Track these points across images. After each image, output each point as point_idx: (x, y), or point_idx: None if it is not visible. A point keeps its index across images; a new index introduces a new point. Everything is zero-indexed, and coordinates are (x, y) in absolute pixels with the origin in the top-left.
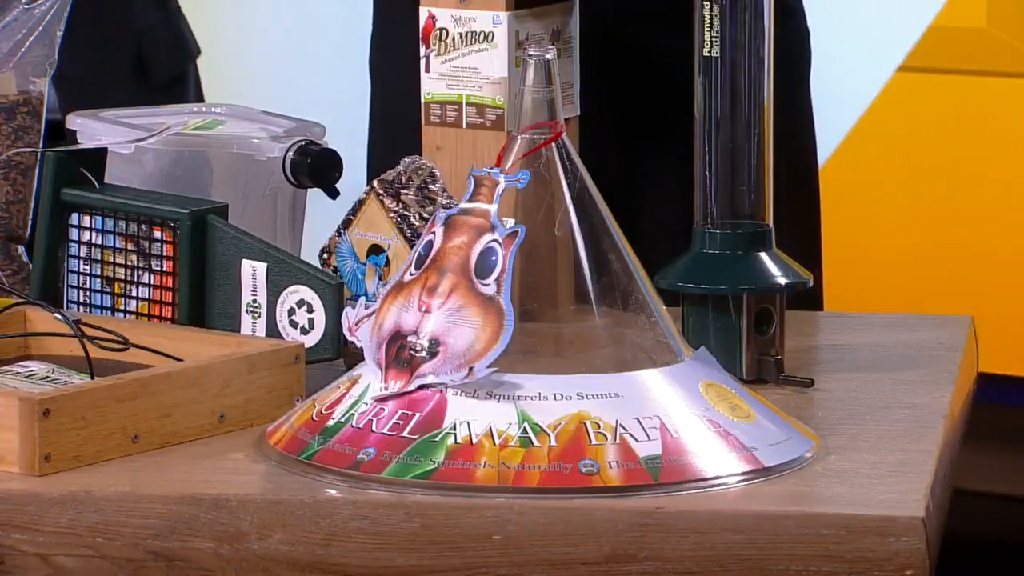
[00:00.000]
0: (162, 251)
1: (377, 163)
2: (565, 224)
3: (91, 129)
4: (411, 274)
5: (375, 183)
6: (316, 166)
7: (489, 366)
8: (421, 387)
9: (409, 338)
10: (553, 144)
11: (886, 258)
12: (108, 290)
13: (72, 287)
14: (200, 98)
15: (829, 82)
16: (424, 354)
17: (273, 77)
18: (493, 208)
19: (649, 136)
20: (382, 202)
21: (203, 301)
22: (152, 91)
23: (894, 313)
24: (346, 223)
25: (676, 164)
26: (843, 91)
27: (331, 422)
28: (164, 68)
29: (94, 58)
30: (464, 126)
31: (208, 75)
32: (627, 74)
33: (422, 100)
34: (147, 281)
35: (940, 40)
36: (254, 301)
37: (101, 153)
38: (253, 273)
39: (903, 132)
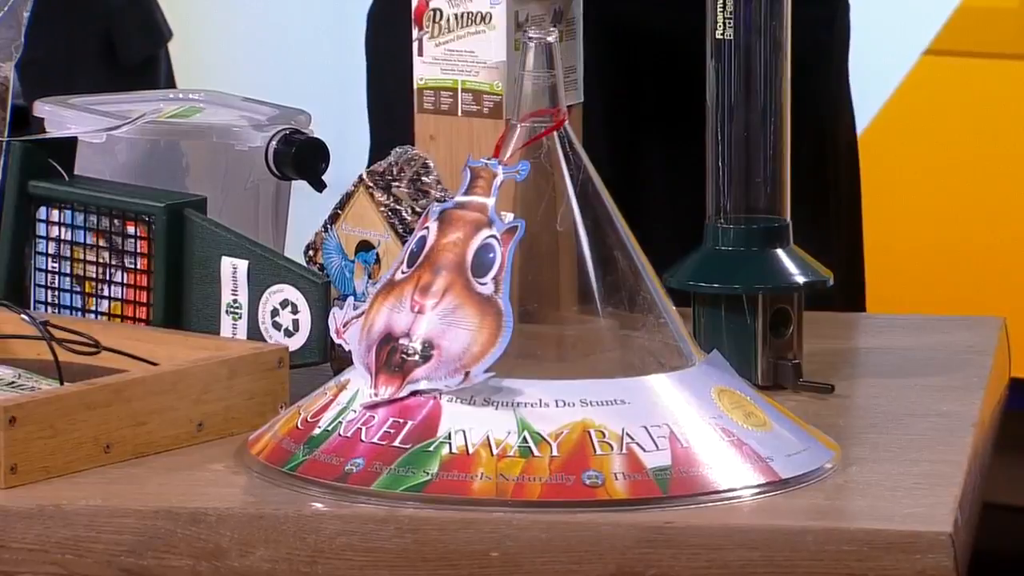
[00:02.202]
0: (136, 247)
1: (379, 155)
2: (567, 219)
3: (60, 117)
4: (403, 272)
5: (364, 175)
6: (301, 156)
7: (486, 371)
8: (413, 393)
9: (401, 341)
10: (555, 133)
11: (910, 255)
12: (78, 289)
13: (40, 286)
14: (172, 85)
15: (849, 67)
16: (417, 358)
17: (254, 61)
18: (491, 202)
19: (658, 125)
20: (372, 195)
21: (180, 301)
22: (121, 76)
23: (920, 314)
24: (333, 218)
25: (687, 155)
26: (864, 77)
27: (317, 431)
28: (134, 51)
29: (60, 40)
30: (460, 114)
31: (183, 60)
32: (635, 58)
33: (415, 86)
34: (120, 280)
35: (969, 21)
36: (235, 301)
37: (71, 143)
38: (234, 271)
39: (929, 120)
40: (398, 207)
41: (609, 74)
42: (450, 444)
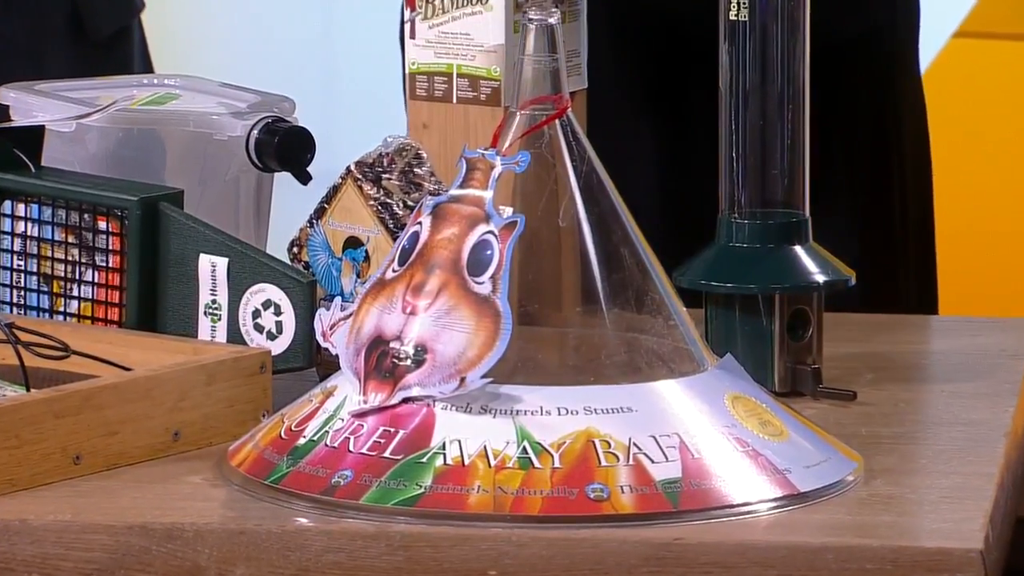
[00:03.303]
0: (107, 244)
1: None
2: (570, 213)
3: (26, 104)
4: (394, 271)
5: (352, 166)
6: (285, 146)
7: (483, 376)
8: (405, 400)
9: (392, 344)
10: (557, 121)
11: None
12: (46, 289)
13: (4, 285)
14: (146, 60)
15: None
16: (409, 362)
17: (234, 43)
18: (488, 195)
19: (668, 113)
20: (360, 188)
21: (155, 302)
22: (92, 50)
23: (949, 316)
24: (319, 212)
25: (698, 145)
26: None
27: (302, 441)
28: (103, 22)
29: (24, 17)
30: (455, 101)
31: (155, 42)
32: (642, 41)
33: (406, 71)
34: (90, 279)
35: (999, 3)
36: (213, 302)
37: (38, 132)
38: (212, 269)
39: (958, 105)
40: (389, 201)
41: (615, 58)
42: (444, 455)
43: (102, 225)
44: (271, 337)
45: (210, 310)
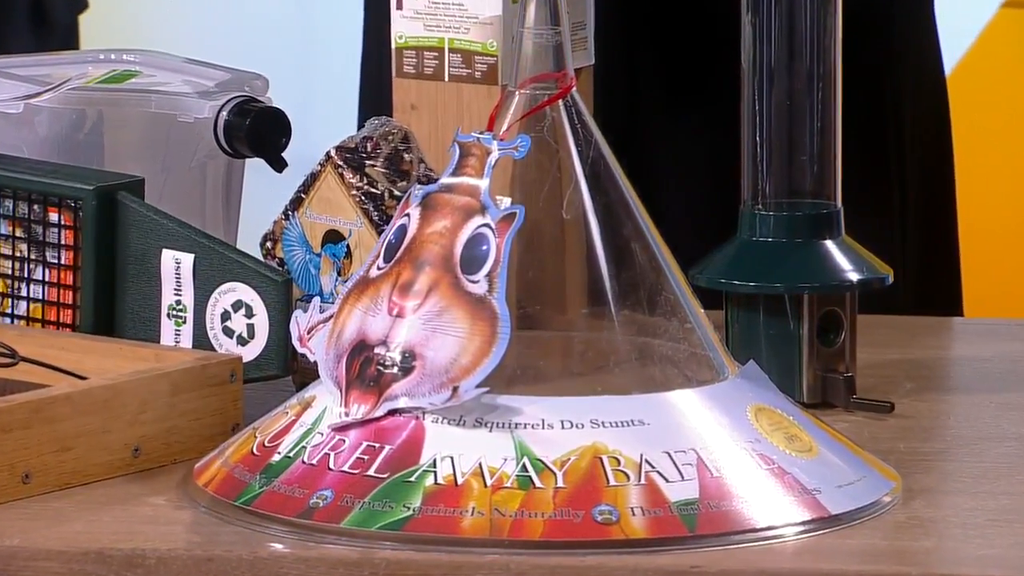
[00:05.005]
0: (60, 238)
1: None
2: (575, 204)
3: None
4: (379, 268)
5: (332, 151)
6: (257, 129)
7: (478, 385)
8: (392, 412)
9: (376, 350)
10: (560, 102)
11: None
12: None
13: None
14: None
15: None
16: (395, 370)
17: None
18: (484, 184)
19: (683, 92)
20: (342, 176)
21: (112, 302)
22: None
23: (997, 319)
24: (296, 203)
25: (718, 128)
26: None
27: (276, 457)
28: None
29: None
30: (446, 79)
31: (114, 15)
32: (656, 13)
33: (392, 45)
34: (41, 277)
35: None
36: (178, 303)
37: None
38: (176, 267)
39: (1007, 77)
40: (373, 190)
41: (625, 32)
42: (435, 473)
43: (53, 217)
44: (242, 342)
45: (174, 312)
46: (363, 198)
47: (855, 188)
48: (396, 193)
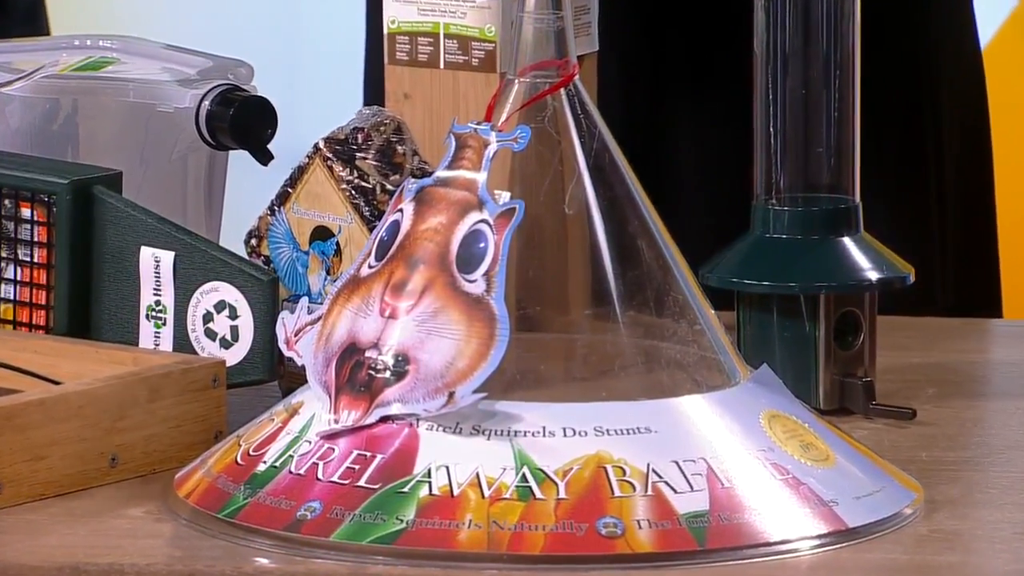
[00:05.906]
0: (33, 235)
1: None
2: (578, 199)
3: None
4: (370, 266)
5: (321, 143)
6: (241, 120)
7: (475, 391)
8: (384, 419)
9: (368, 353)
10: (562, 91)
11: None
12: None
13: None
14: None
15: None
16: (388, 374)
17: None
18: (481, 177)
19: (692, 80)
20: (331, 169)
21: (88, 303)
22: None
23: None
24: (282, 198)
25: (729, 118)
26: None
27: (262, 467)
28: None
29: None
30: (442, 66)
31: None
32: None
33: (384, 31)
34: (12, 276)
35: None
36: (157, 303)
37: None
38: (156, 265)
39: None
40: (364, 184)
41: (631, 17)
42: (430, 484)
43: (26, 213)
44: (225, 345)
45: (153, 313)
46: (353, 192)
47: (892, 183)
48: (388, 187)
